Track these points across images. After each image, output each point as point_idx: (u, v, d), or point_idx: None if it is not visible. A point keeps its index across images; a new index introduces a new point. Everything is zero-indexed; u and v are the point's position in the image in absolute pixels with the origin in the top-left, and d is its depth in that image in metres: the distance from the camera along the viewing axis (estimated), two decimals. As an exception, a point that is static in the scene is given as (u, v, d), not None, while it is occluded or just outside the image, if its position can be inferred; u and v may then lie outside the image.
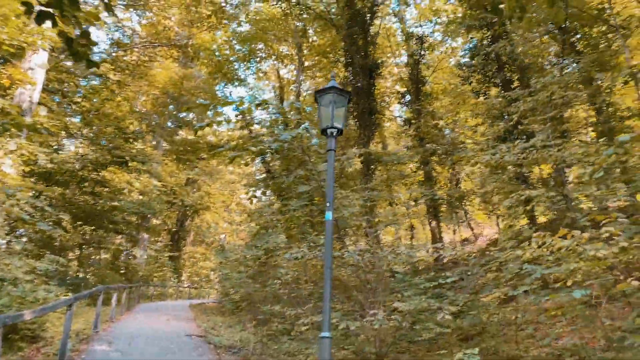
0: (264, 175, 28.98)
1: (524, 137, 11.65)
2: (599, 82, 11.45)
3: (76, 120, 20.87)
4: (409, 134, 20.45)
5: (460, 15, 20.10)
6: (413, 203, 20.80)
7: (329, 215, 5.55)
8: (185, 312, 20.74)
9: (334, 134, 5.65)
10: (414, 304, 6.31)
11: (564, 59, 12.70)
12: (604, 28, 11.39)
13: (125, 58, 22.76)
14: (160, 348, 9.78)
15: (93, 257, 34.70)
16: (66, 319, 8.00)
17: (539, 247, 5.73)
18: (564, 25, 12.90)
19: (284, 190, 23.56)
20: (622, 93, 12.84)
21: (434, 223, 20.27)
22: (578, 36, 11.92)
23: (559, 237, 5.19)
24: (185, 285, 40.29)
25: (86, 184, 21.83)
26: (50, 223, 20.64)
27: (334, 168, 5.81)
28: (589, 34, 12.31)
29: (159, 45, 23.03)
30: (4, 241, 13.95)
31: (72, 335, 10.55)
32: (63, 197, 21.02)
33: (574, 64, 10.51)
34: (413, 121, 19.65)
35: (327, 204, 5.60)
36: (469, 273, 9.55)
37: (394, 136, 25.34)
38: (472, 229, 22.62)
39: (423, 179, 20.01)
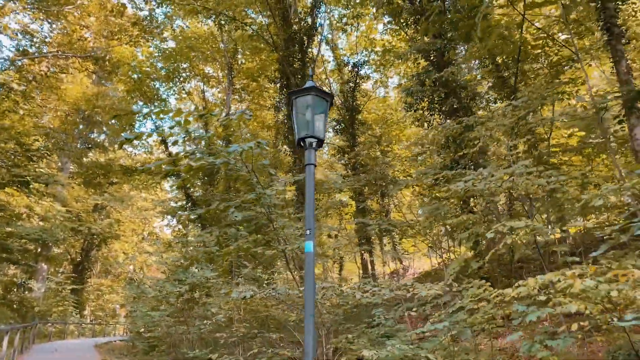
0: (184, 202, 27.00)
1: (472, 165, 11.26)
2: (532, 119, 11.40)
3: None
4: (343, 162, 19.82)
5: (393, 46, 20.06)
6: (342, 234, 20.02)
7: (309, 245, 4.42)
8: (90, 353, 18.20)
9: (313, 146, 4.57)
10: (396, 351, 5.18)
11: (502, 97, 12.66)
12: (555, 59, 11.40)
13: (32, 68, 20.28)
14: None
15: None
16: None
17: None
18: (505, 59, 12.88)
19: (209, 219, 21.90)
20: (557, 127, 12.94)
21: (365, 255, 19.58)
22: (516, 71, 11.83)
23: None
24: (89, 322, 36.42)
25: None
26: None
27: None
28: (531, 69, 12.36)
29: (72, 56, 20.75)
30: None
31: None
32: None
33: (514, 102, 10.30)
34: (347, 149, 19.02)
35: (308, 232, 4.47)
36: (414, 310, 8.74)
37: (328, 164, 24.62)
38: (401, 262, 22.19)
39: (355, 210, 19.34)
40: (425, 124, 12.98)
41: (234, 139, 20.03)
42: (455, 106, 11.58)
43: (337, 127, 19.40)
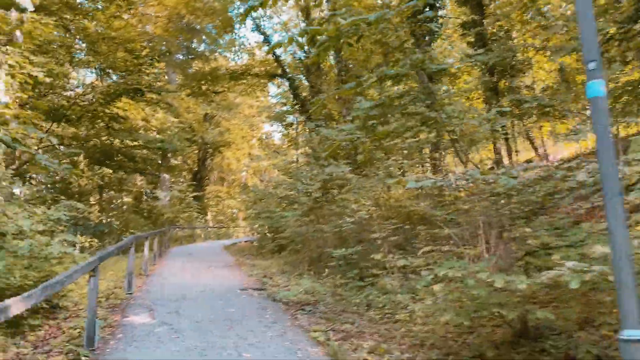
0: (293, 102, 25.83)
1: None
2: None
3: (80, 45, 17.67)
4: (468, 39, 17.07)
5: None
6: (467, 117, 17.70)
7: (596, 87, 2.63)
8: (222, 255, 18.40)
9: None
10: None
11: None
12: None
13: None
14: (217, 313, 7.22)
15: (114, 201, 32.67)
16: (90, 288, 5.36)
17: None
18: None
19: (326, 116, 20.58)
20: None
21: (500, 142, 17.30)
22: None
23: None
24: (213, 226, 38.27)
25: (99, 120, 18.89)
26: (64, 164, 18.05)
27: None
28: None
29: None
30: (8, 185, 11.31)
31: (102, 301, 8.05)
32: (76, 137, 18.26)
33: None
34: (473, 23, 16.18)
35: (591, 65, 2.66)
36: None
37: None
38: (536, 149, 19.65)
39: (487, 90, 16.81)
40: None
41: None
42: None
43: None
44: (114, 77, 18.19)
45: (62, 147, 15.97)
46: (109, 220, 25.01)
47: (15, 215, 7.57)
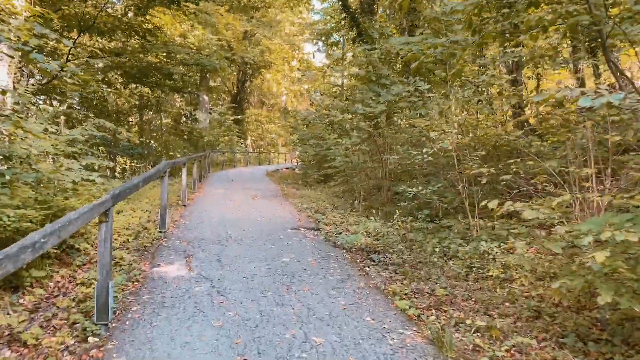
0: (342, 17, 23.19)
1: None
2: None
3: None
4: None
5: None
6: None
7: None
8: (265, 182, 16.97)
9: None
10: None
11: None
12: None
13: None
14: (270, 264, 5.66)
15: (154, 122, 31.54)
16: (100, 239, 3.78)
17: None
18: None
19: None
20: None
21: (582, 65, 14.63)
22: None
23: None
24: (253, 150, 36.96)
25: (133, 33, 16.98)
26: (97, 83, 16.53)
27: None
28: None
29: None
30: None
31: (129, 240, 6.61)
32: (107, 50, 16.53)
33: None
34: None
35: None
36: None
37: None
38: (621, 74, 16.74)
39: None
40: None
41: None
42: None
43: None
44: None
45: (94, 60, 14.27)
46: (148, 141, 23.87)
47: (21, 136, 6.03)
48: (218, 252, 6.06)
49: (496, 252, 6.11)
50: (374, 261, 6.34)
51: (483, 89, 9.59)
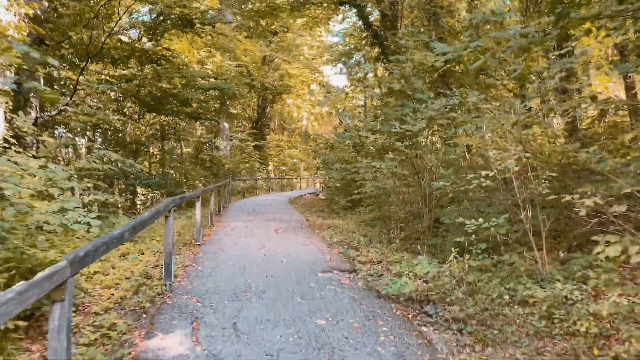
0: (363, 35, 22.16)
1: None
2: None
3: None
4: None
5: None
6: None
7: None
8: (288, 211, 15.68)
9: None
10: None
11: None
12: None
13: None
14: (300, 330, 4.31)
15: (174, 151, 30.82)
16: (51, 327, 2.51)
17: None
18: None
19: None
20: None
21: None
22: None
23: None
24: (275, 176, 35.84)
25: (148, 60, 16.08)
26: (108, 113, 15.64)
27: None
28: None
29: None
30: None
31: (126, 296, 5.35)
32: (119, 77, 15.63)
33: None
34: None
35: None
36: None
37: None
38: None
39: None
40: None
41: None
42: None
43: None
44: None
45: (104, 85, 13.31)
46: (168, 171, 22.93)
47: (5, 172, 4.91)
48: (234, 313, 4.73)
49: (577, 296, 4.74)
50: (430, 316, 4.96)
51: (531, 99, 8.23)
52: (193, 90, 16.34)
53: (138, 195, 21.44)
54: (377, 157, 11.08)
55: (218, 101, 29.15)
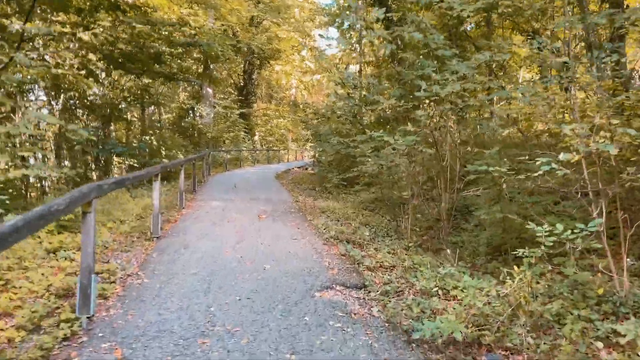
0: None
1: None
2: None
3: None
4: None
5: None
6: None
7: None
8: (275, 189, 13.62)
9: None
10: None
11: None
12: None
13: None
14: None
15: (154, 117, 28.42)
16: None
17: None
18: None
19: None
20: None
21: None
22: None
23: None
24: (262, 148, 33.53)
25: (120, 13, 13.55)
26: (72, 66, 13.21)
27: None
28: None
29: None
30: None
31: (24, 339, 3.31)
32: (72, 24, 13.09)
33: None
34: None
35: None
36: None
37: None
38: None
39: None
40: None
41: None
42: None
43: None
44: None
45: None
46: (143, 139, 20.63)
47: None
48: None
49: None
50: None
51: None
52: (166, 45, 13.85)
53: (114, 165, 19.20)
54: (379, 129, 9.07)
55: (201, 64, 26.62)
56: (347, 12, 23.53)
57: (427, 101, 6.81)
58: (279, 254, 5.83)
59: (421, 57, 7.07)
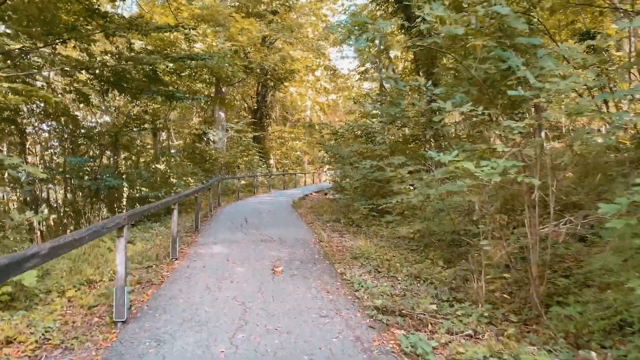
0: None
1: None
2: None
3: None
4: None
5: None
6: None
7: None
8: (293, 223, 11.38)
9: None
10: None
11: None
12: None
13: None
14: None
15: (165, 144, 26.71)
16: None
17: None
18: None
19: None
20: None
21: None
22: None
23: None
24: (277, 172, 31.39)
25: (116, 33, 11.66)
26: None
27: None
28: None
29: None
30: None
31: None
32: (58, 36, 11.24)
33: None
34: None
35: None
36: None
37: None
38: None
39: None
40: None
41: None
42: None
43: None
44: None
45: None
46: (154, 167, 18.70)
47: None
48: None
49: None
50: None
51: None
52: (164, 59, 11.72)
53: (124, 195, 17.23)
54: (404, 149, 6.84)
55: (212, 87, 24.83)
56: (367, 25, 21.57)
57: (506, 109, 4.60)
58: (302, 353, 3.58)
59: (496, 47, 4.88)
